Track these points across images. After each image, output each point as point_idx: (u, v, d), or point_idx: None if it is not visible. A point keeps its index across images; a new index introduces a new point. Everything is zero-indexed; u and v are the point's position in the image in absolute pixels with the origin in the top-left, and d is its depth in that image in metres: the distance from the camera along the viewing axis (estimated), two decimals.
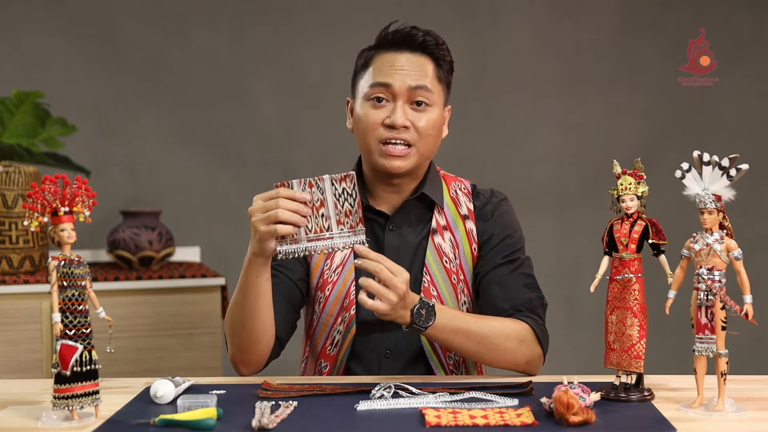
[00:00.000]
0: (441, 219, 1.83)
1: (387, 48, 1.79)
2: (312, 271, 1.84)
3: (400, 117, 1.73)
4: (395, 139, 1.74)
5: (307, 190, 1.57)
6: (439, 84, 1.79)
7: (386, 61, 1.78)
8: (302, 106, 3.51)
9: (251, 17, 3.46)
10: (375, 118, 1.76)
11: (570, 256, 3.64)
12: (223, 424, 1.36)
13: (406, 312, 1.59)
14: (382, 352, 1.79)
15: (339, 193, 1.57)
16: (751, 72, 3.70)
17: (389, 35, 1.80)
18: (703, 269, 1.41)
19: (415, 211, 1.83)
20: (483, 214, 1.85)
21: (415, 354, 1.79)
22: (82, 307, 1.37)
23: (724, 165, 1.41)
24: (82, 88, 3.33)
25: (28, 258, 2.85)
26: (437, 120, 1.78)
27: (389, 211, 1.83)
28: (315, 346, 1.83)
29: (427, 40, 1.79)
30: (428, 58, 1.79)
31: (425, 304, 1.61)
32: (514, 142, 3.65)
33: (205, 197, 3.46)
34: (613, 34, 3.67)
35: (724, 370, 1.41)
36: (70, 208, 1.38)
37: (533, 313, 1.76)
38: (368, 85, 1.77)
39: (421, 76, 1.76)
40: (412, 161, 1.76)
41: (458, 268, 1.81)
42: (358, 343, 1.79)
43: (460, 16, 3.58)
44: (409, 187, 1.83)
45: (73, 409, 1.37)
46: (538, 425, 1.33)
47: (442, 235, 1.82)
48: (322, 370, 1.82)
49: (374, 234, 1.82)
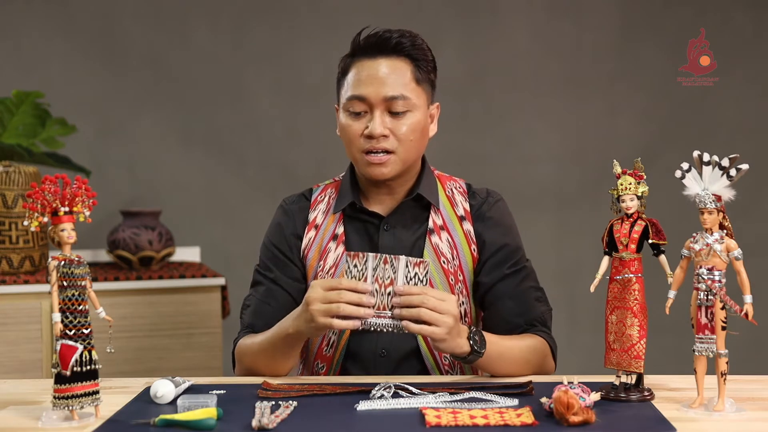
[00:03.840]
0: (438, 219, 1.83)
1: (361, 55, 1.77)
2: (307, 272, 1.84)
3: (377, 127, 1.73)
4: (375, 149, 1.74)
5: (381, 266, 1.57)
6: (418, 86, 1.77)
7: (361, 69, 1.76)
8: (302, 106, 3.51)
9: (251, 17, 3.46)
10: (354, 130, 1.76)
11: (570, 256, 3.64)
12: (223, 424, 1.36)
13: (462, 340, 1.60)
14: (377, 352, 1.79)
15: (411, 276, 1.58)
16: (751, 72, 3.70)
17: (361, 42, 1.78)
18: (703, 269, 1.41)
19: (411, 211, 1.84)
20: (480, 214, 1.85)
21: (409, 353, 1.79)
22: (82, 307, 1.37)
23: (724, 165, 1.41)
24: (82, 88, 3.34)
25: (28, 258, 2.85)
26: (418, 123, 1.77)
27: (383, 212, 1.83)
28: (311, 347, 1.84)
29: (402, 42, 1.76)
30: (405, 61, 1.76)
31: (477, 331, 1.64)
32: (514, 142, 3.65)
33: (205, 197, 3.46)
34: (613, 34, 3.67)
35: (724, 370, 1.41)
36: (70, 208, 1.38)
37: (546, 326, 1.81)
38: (346, 98, 1.77)
39: (396, 84, 1.74)
40: (395, 168, 1.76)
41: (457, 269, 1.81)
42: (353, 343, 1.79)
43: (460, 16, 3.58)
44: (402, 188, 1.83)
45: (73, 409, 1.37)
46: (538, 425, 1.33)
47: (439, 235, 1.82)
48: (319, 370, 1.82)
49: (368, 235, 1.83)
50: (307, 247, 1.84)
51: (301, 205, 1.89)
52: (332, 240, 1.83)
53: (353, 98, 1.75)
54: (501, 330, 1.79)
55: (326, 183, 1.92)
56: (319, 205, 1.87)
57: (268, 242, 1.88)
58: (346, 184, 1.86)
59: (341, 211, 1.84)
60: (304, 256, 1.85)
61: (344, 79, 1.80)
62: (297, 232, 1.86)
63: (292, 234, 1.86)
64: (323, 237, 1.84)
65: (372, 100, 1.74)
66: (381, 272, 1.57)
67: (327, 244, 1.83)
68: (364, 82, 1.75)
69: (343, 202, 1.84)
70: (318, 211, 1.87)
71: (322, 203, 1.88)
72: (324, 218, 1.86)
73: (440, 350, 1.61)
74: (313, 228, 1.85)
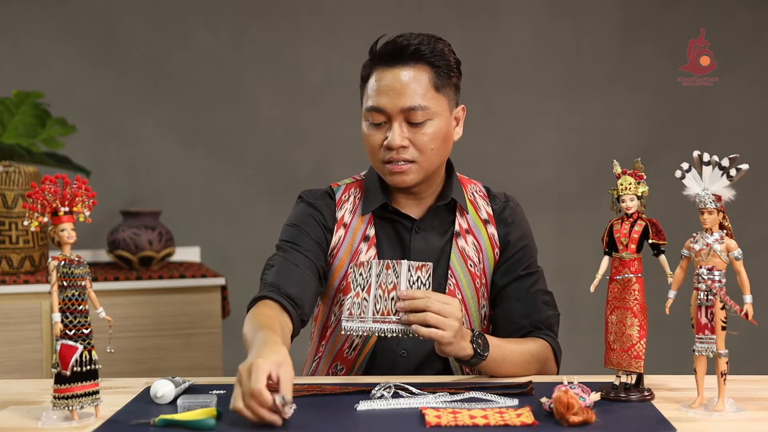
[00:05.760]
0: (463, 222, 1.83)
1: (379, 63, 1.75)
2: (335, 272, 1.82)
3: (396, 139, 1.71)
4: (395, 159, 1.73)
5: (384, 272, 1.58)
6: (438, 93, 1.74)
7: (379, 79, 1.73)
8: (302, 107, 3.51)
9: (251, 17, 3.46)
10: (375, 140, 1.75)
11: (570, 256, 3.64)
12: (223, 424, 1.36)
13: (466, 343, 1.60)
14: (398, 352, 1.79)
15: (413, 280, 1.58)
16: (751, 72, 3.70)
17: (379, 50, 1.75)
18: (703, 269, 1.41)
19: (439, 214, 1.83)
20: (503, 218, 1.85)
21: (431, 353, 1.78)
22: (82, 307, 1.37)
23: (724, 165, 1.41)
24: (82, 88, 3.34)
25: (28, 258, 2.85)
26: (439, 131, 1.74)
27: (414, 215, 1.82)
28: (333, 347, 1.83)
29: (421, 49, 1.72)
30: (424, 68, 1.73)
31: (480, 334, 1.64)
32: (514, 142, 3.65)
33: (205, 197, 3.46)
34: (613, 34, 3.67)
35: (724, 370, 1.41)
36: (70, 208, 1.38)
37: (551, 330, 1.81)
38: (366, 107, 1.76)
39: (415, 94, 1.71)
40: (417, 176, 1.75)
41: (482, 273, 1.82)
42: (377, 346, 1.79)
43: (460, 16, 3.58)
44: (428, 192, 1.82)
45: (73, 409, 1.37)
46: (538, 425, 1.33)
47: (465, 238, 1.82)
48: (338, 372, 1.81)
49: (400, 237, 1.82)
50: (337, 246, 1.82)
51: (327, 201, 1.85)
52: (363, 241, 1.81)
53: (372, 109, 1.74)
54: (506, 330, 1.79)
55: (346, 182, 1.89)
56: (345, 204, 1.84)
57: (293, 224, 1.82)
58: (374, 184, 1.83)
59: (371, 212, 1.83)
60: (332, 254, 1.82)
61: (365, 86, 1.77)
62: (326, 224, 1.82)
63: (321, 223, 1.82)
64: (354, 237, 1.82)
65: (390, 111, 1.72)
66: (384, 278, 1.58)
67: (358, 245, 1.81)
68: (381, 92, 1.72)
69: (374, 203, 1.81)
70: (344, 210, 1.84)
71: (347, 203, 1.85)
72: (352, 218, 1.83)
73: (444, 353, 1.60)
74: (342, 226, 1.82)
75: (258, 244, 1.91)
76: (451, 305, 1.56)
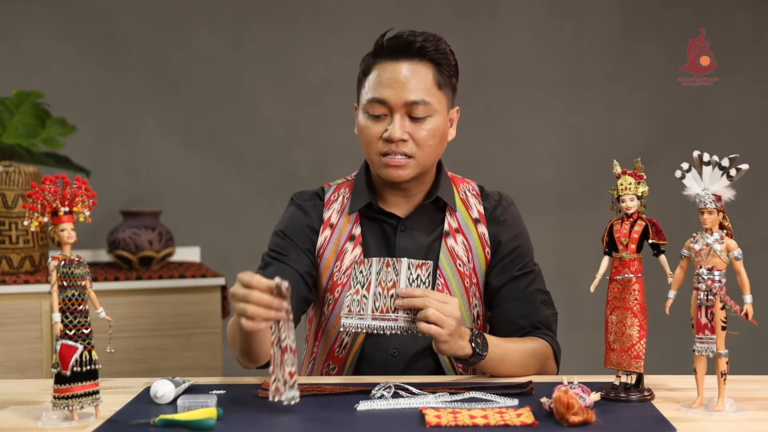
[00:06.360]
0: (453, 222, 1.83)
1: (384, 57, 1.76)
2: (322, 272, 1.83)
3: (397, 131, 1.72)
4: (393, 152, 1.74)
5: (384, 269, 1.58)
6: (439, 91, 1.75)
7: (383, 72, 1.74)
8: (302, 107, 3.51)
9: (251, 17, 3.46)
10: (373, 132, 1.75)
11: (570, 256, 3.65)
12: (223, 424, 1.36)
13: (465, 342, 1.61)
14: (389, 352, 1.79)
15: (413, 278, 1.58)
16: (751, 72, 3.70)
17: (385, 43, 1.76)
18: (703, 269, 1.41)
19: (428, 213, 1.83)
20: (494, 217, 1.85)
21: (421, 352, 1.78)
22: (82, 307, 1.37)
23: (724, 165, 1.41)
24: (82, 88, 3.34)
25: (28, 258, 2.85)
26: (438, 128, 1.76)
27: (400, 214, 1.83)
28: (324, 347, 1.83)
29: (426, 46, 1.74)
30: (428, 65, 1.75)
31: (479, 333, 1.64)
32: (514, 142, 3.65)
33: (205, 197, 3.47)
34: (613, 34, 3.67)
35: (724, 370, 1.41)
36: (70, 208, 1.38)
37: (550, 330, 1.81)
38: (366, 99, 1.76)
39: (418, 88, 1.72)
40: (413, 171, 1.76)
41: (471, 272, 1.82)
42: (365, 344, 1.79)
43: (460, 16, 3.58)
44: (417, 190, 1.82)
45: (73, 409, 1.37)
46: (538, 425, 1.33)
47: (455, 237, 1.82)
48: (330, 371, 1.82)
49: (386, 236, 1.82)
50: (323, 247, 1.83)
51: (316, 203, 1.87)
52: (349, 240, 1.82)
53: (374, 101, 1.74)
54: (505, 330, 1.79)
55: (338, 183, 1.91)
56: (333, 205, 1.86)
57: (281, 232, 1.84)
58: (362, 184, 1.84)
59: (357, 211, 1.83)
60: (319, 254, 1.83)
61: (365, 79, 1.78)
62: (313, 227, 1.84)
63: (308, 226, 1.84)
64: (339, 237, 1.83)
65: (393, 103, 1.73)
66: (384, 275, 1.58)
67: (344, 244, 1.82)
68: (385, 85, 1.73)
69: (360, 202, 1.83)
70: (332, 211, 1.85)
71: (335, 203, 1.86)
72: (339, 218, 1.84)
73: (442, 352, 1.60)
74: (328, 227, 1.84)
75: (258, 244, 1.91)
76: (449, 304, 1.56)
